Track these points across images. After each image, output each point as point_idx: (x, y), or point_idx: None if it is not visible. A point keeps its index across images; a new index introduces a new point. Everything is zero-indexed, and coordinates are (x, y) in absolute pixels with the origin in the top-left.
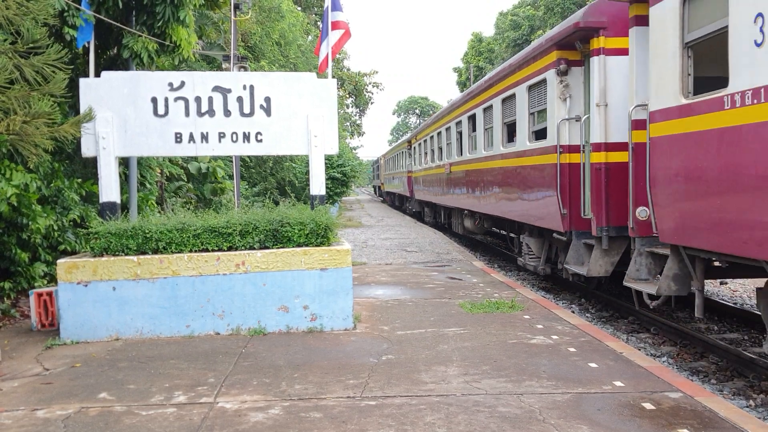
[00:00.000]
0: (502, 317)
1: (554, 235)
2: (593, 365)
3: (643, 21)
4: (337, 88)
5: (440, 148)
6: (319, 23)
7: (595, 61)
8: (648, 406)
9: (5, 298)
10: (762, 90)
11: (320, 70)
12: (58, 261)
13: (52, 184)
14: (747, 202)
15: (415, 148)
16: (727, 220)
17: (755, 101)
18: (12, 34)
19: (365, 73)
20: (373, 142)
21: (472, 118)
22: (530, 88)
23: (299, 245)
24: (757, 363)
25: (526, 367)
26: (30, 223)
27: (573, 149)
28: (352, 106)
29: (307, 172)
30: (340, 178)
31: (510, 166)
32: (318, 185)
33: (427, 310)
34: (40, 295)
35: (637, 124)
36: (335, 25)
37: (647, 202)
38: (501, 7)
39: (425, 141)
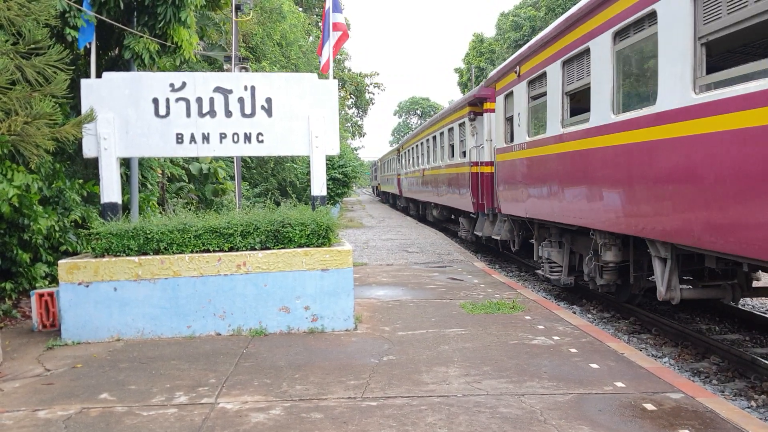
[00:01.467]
0: (504, 318)
1: (471, 215)
2: (594, 366)
3: None
4: (338, 89)
5: (418, 157)
6: (320, 24)
7: (485, 116)
8: (649, 406)
9: (6, 299)
10: (519, 144)
11: (323, 70)
12: (60, 261)
13: (53, 185)
14: (521, 191)
15: (402, 155)
16: (516, 199)
17: (518, 149)
18: (13, 35)
19: (366, 74)
20: (375, 143)
21: (434, 138)
22: (459, 125)
23: (300, 246)
24: (759, 364)
25: (527, 367)
26: (31, 223)
27: (477, 164)
28: (353, 107)
29: (308, 173)
30: (341, 179)
31: (453, 172)
32: (319, 186)
33: (428, 310)
34: (41, 295)
35: (497, 153)
36: (335, 27)
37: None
38: (502, 7)
39: (409, 150)
